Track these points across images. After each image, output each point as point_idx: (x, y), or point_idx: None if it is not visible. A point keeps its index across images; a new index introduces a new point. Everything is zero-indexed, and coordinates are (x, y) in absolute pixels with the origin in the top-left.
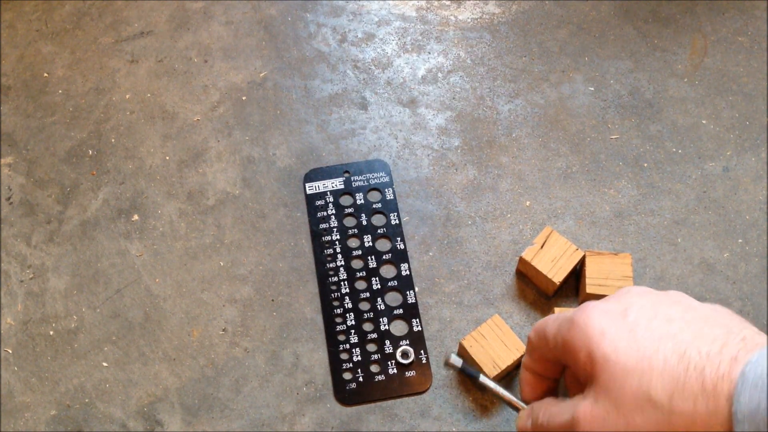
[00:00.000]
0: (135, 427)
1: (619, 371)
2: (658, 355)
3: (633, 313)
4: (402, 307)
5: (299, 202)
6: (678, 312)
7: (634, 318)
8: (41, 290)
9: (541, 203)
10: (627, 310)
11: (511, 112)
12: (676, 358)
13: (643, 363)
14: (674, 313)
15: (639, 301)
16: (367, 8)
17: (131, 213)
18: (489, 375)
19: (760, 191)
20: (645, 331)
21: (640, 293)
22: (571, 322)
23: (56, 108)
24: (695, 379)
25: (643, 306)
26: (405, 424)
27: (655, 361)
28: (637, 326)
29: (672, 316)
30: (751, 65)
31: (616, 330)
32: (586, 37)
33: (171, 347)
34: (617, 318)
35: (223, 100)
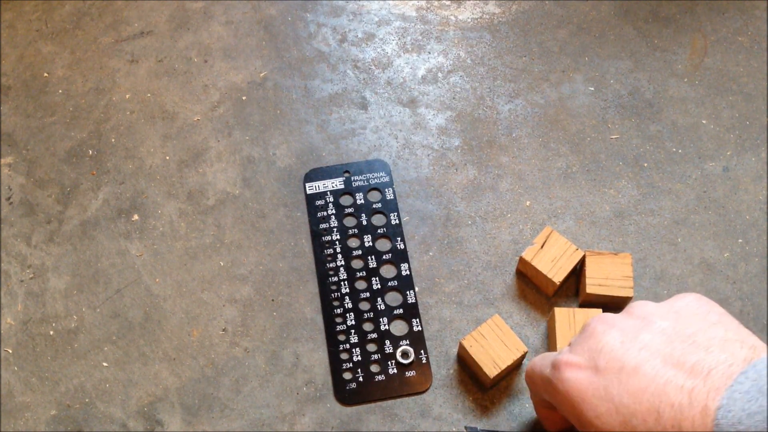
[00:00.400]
0: (135, 427)
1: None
2: (637, 419)
3: (602, 364)
4: (402, 307)
5: (299, 202)
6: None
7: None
8: (41, 290)
9: (541, 203)
10: (597, 362)
11: (511, 112)
12: (653, 419)
13: (627, 428)
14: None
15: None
16: (367, 8)
17: (131, 213)
18: (489, 375)
19: (760, 191)
20: (619, 389)
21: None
22: (551, 385)
23: (56, 108)
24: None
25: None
26: (405, 424)
27: (636, 425)
28: (610, 384)
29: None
30: (751, 65)
31: (593, 393)
32: (586, 37)
33: (171, 347)
34: (591, 378)
35: (223, 100)
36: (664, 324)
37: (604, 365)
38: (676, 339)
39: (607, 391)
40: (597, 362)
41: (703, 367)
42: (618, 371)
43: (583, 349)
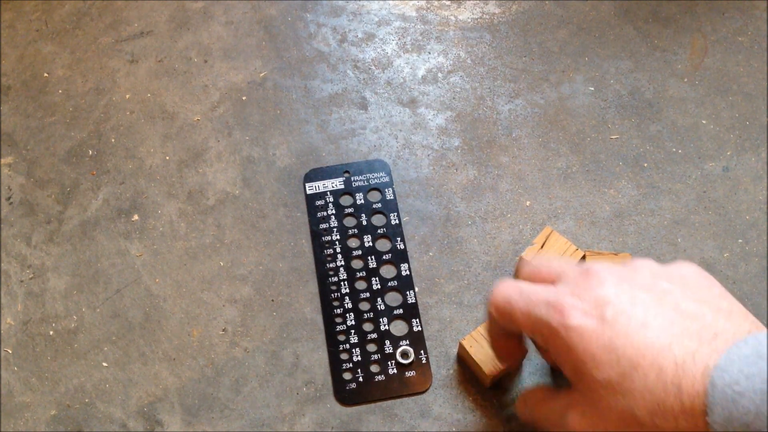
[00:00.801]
0: (135, 427)
1: (603, 390)
2: (638, 372)
3: (610, 316)
4: (402, 307)
5: (299, 202)
6: (653, 303)
7: (612, 323)
8: (41, 290)
9: (541, 203)
10: (604, 312)
11: (511, 112)
12: (654, 375)
13: (625, 381)
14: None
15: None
16: (367, 8)
17: (131, 213)
18: (489, 374)
19: (760, 191)
20: (624, 341)
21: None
22: (548, 327)
23: (56, 108)
24: (674, 397)
25: (620, 302)
26: (405, 424)
27: (636, 378)
28: (616, 336)
29: (647, 315)
30: (751, 65)
31: (596, 343)
32: (586, 37)
33: (171, 347)
34: (597, 327)
35: (223, 100)
36: (671, 287)
37: (611, 316)
38: (683, 303)
39: (612, 342)
40: (604, 312)
41: (710, 331)
42: (625, 324)
43: (588, 297)
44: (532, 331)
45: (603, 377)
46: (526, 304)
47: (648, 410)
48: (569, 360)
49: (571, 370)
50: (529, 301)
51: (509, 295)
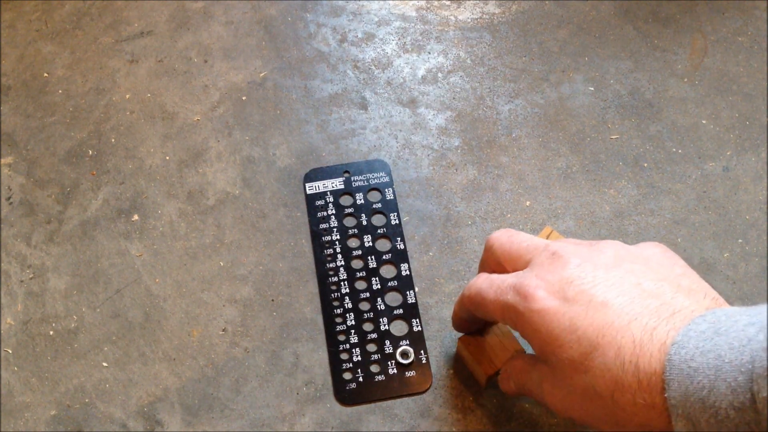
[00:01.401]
0: (135, 427)
1: (567, 368)
2: (598, 351)
3: (571, 296)
4: (402, 307)
5: (299, 202)
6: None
7: (573, 303)
8: (41, 290)
9: (541, 203)
10: (566, 293)
11: (511, 112)
12: (613, 353)
13: (586, 360)
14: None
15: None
16: (367, 8)
17: (131, 213)
18: (485, 373)
19: (760, 191)
20: (584, 322)
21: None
22: (515, 311)
23: (56, 108)
24: (632, 374)
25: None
26: (405, 424)
27: (596, 357)
28: (577, 317)
29: (608, 294)
30: (751, 65)
31: (558, 323)
32: (586, 37)
33: (171, 347)
34: (558, 308)
35: (223, 100)
36: (634, 266)
37: (572, 296)
38: (644, 282)
39: (573, 322)
40: (566, 292)
41: (668, 309)
42: (586, 304)
43: (552, 278)
44: (503, 317)
45: (566, 356)
46: (495, 293)
47: (607, 387)
48: (536, 341)
49: (539, 350)
50: (498, 290)
51: (480, 286)
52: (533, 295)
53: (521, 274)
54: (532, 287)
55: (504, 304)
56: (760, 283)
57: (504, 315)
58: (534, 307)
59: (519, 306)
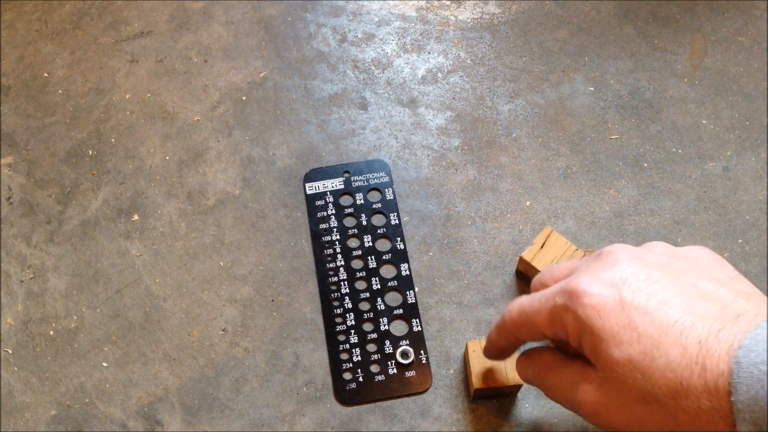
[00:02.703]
0: (135, 427)
1: (623, 368)
2: (660, 350)
3: (628, 294)
4: (402, 307)
5: (299, 202)
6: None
7: (631, 301)
8: (41, 290)
9: (541, 203)
10: (621, 291)
11: (511, 112)
12: (678, 354)
13: (646, 359)
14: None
15: (632, 274)
16: (367, 8)
17: (131, 213)
18: (474, 385)
19: (760, 191)
20: (644, 319)
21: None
22: (567, 311)
23: (56, 108)
24: (698, 376)
25: (637, 280)
26: (405, 424)
27: (658, 357)
28: (636, 313)
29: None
30: (751, 65)
31: (616, 320)
32: (586, 37)
33: (171, 347)
34: (615, 305)
35: (223, 100)
36: (686, 266)
37: (629, 294)
38: (701, 283)
39: (632, 319)
40: (621, 291)
41: (731, 312)
42: (644, 302)
43: (604, 276)
44: (552, 323)
45: (623, 355)
46: (540, 302)
47: (669, 389)
48: (588, 340)
49: (591, 349)
50: (543, 298)
51: (521, 304)
52: (585, 290)
53: (569, 278)
54: (583, 284)
55: (552, 308)
56: (760, 283)
57: (553, 322)
58: (587, 302)
59: (570, 304)
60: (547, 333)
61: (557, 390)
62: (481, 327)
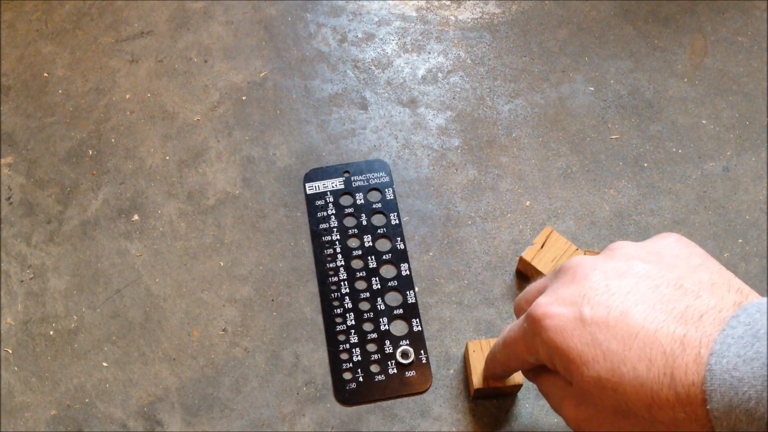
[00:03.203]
0: (135, 427)
1: (594, 387)
2: (626, 366)
3: (587, 310)
4: (402, 307)
5: (299, 202)
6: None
7: (590, 317)
8: (41, 290)
9: (541, 203)
10: (581, 308)
11: (511, 112)
12: (644, 367)
13: (615, 376)
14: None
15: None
16: (367, 8)
17: (131, 213)
18: (474, 385)
19: (760, 191)
20: (606, 334)
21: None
22: (534, 337)
23: (56, 108)
24: (668, 387)
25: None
26: (405, 424)
27: (625, 372)
28: (597, 329)
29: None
30: (751, 65)
31: (579, 340)
32: (586, 37)
33: (171, 347)
34: (576, 324)
35: (223, 100)
36: (647, 267)
37: (589, 311)
38: (663, 283)
39: (594, 337)
40: (581, 308)
41: (694, 313)
42: (605, 316)
43: (564, 295)
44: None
45: (592, 374)
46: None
47: (643, 403)
48: (558, 361)
49: (563, 369)
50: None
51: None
52: (545, 312)
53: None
54: (543, 306)
55: (524, 336)
56: (760, 283)
57: (529, 349)
58: (548, 324)
59: (535, 330)
60: (530, 360)
61: (548, 399)
62: (481, 327)
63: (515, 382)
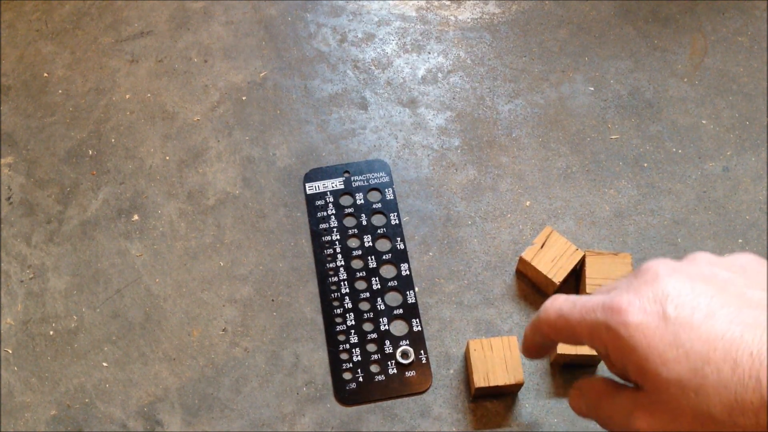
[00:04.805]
0: (135, 427)
1: (673, 389)
2: (710, 366)
3: (672, 309)
4: (402, 307)
5: (299, 202)
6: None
7: (675, 316)
8: (41, 290)
9: (541, 203)
10: (664, 306)
11: (511, 112)
12: (729, 368)
13: (696, 377)
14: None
15: (674, 289)
16: (367, 8)
17: (131, 213)
18: (476, 384)
19: (760, 191)
20: (690, 334)
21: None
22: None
23: (56, 108)
24: (753, 391)
25: (679, 294)
26: (405, 424)
27: (709, 373)
28: (681, 329)
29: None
30: (751, 65)
31: (661, 338)
32: (586, 37)
33: (171, 347)
34: (659, 322)
35: (223, 100)
36: (732, 275)
37: (672, 310)
38: (748, 290)
39: (677, 336)
40: (664, 306)
41: None
42: (689, 316)
43: (645, 292)
44: (591, 338)
45: (672, 375)
46: (581, 312)
47: (725, 407)
48: (633, 361)
49: (637, 370)
50: (584, 309)
51: (561, 308)
52: (627, 308)
53: (610, 293)
54: (625, 301)
55: (593, 323)
56: None
57: (593, 336)
58: (630, 320)
59: (611, 322)
60: (583, 342)
61: (613, 422)
62: (481, 327)
63: (516, 381)
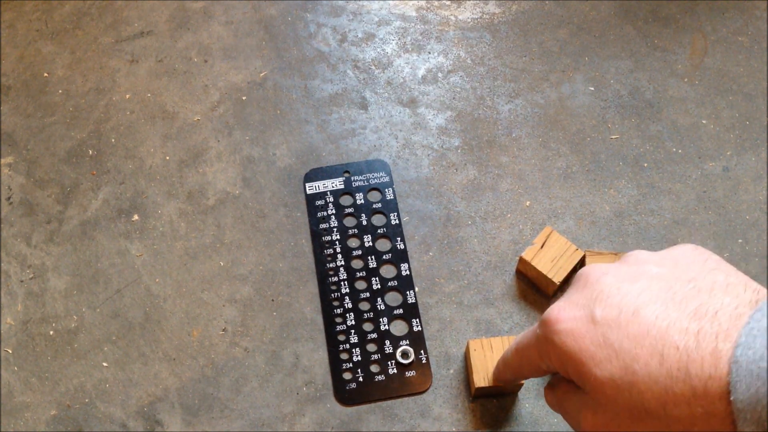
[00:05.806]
0: (135, 427)
1: (608, 388)
2: (639, 363)
3: (599, 312)
4: (402, 307)
5: (299, 202)
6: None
7: (601, 318)
8: (41, 290)
9: (541, 203)
10: (592, 310)
11: (511, 112)
12: (656, 362)
13: (627, 374)
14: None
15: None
16: (367, 8)
17: (131, 213)
18: (476, 384)
19: (760, 191)
20: (618, 334)
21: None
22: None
23: (56, 108)
24: (683, 382)
25: (608, 296)
26: (405, 424)
27: (638, 370)
28: (609, 330)
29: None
30: (751, 65)
31: (591, 341)
32: (586, 37)
33: (171, 347)
34: (588, 326)
35: (223, 100)
36: (661, 270)
37: (600, 312)
38: (676, 283)
39: (606, 337)
40: (593, 310)
41: (708, 309)
42: (616, 316)
43: (576, 299)
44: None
45: (605, 375)
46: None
47: (658, 401)
48: (572, 366)
49: (577, 375)
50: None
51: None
52: (556, 317)
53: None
54: (555, 311)
55: (537, 342)
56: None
57: (542, 355)
58: (560, 328)
59: (546, 334)
60: (543, 367)
61: (571, 419)
62: (481, 327)
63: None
